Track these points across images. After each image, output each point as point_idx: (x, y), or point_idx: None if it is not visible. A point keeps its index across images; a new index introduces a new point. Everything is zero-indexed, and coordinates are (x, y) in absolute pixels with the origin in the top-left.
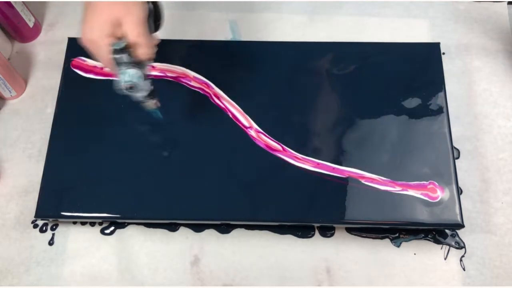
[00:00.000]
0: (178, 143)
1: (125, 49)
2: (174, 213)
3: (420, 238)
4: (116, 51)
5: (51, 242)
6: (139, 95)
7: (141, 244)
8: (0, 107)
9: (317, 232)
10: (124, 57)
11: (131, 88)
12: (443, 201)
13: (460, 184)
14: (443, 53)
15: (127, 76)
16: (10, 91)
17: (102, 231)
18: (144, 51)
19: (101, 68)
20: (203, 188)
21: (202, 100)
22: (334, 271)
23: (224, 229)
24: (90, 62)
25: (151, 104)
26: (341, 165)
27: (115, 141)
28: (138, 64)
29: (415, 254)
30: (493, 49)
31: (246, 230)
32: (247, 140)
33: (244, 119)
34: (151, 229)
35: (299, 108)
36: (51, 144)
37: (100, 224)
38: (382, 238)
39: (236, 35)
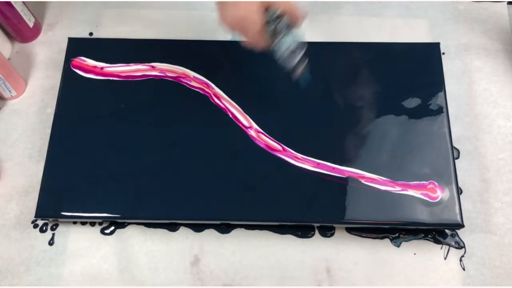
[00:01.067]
0: (178, 143)
1: (280, 16)
2: (174, 213)
3: (420, 238)
4: (274, 20)
5: (51, 242)
6: (297, 58)
7: (141, 244)
8: (0, 107)
9: (317, 232)
10: (281, 23)
11: (293, 52)
12: (443, 201)
13: (460, 184)
14: (443, 53)
15: (288, 41)
16: (10, 91)
17: (102, 231)
18: (298, 12)
19: (101, 68)
20: (203, 188)
21: (202, 100)
22: (334, 271)
23: (224, 229)
24: (90, 62)
25: (304, 67)
26: (341, 165)
27: (115, 141)
28: (291, 27)
29: (415, 254)
30: (493, 49)
31: (246, 230)
32: (247, 140)
33: (244, 119)
34: (151, 229)
35: (299, 108)
36: (51, 144)
37: (100, 224)
38: (382, 238)
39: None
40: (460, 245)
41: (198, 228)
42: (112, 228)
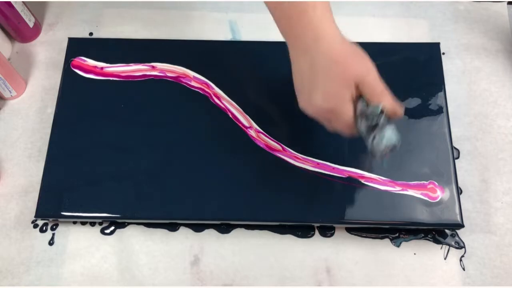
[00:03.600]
0: (178, 143)
1: (382, 111)
2: (174, 213)
3: (420, 238)
4: (373, 114)
5: (51, 242)
6: (390, 149)
7: (141, 244)
8: (0, 107)
9: (317, 232)
10: (383, 118)
11: (394, 146)
12: (443, 201)
13: (460, 184)
14: (443, 53)
15: (387, 138)
16: (10, 91)
17: (102, 231)
18: (398, 107)
19: (101, 68)
20: (203, 188)
21: (202, 100)
22: (334, 271)
23: (224, 229)
24: (90, 62)
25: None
26: (341, 165)
27: (115, 141)
28: (390, 122)
29: (415, 254)
30: (493, 49)
31: (246, 230)
32: (247, 140)
33: (244, 119)
34: (151, 229)
35: (299, 108)
36: (51, 144)
37: (100, 224)
38: (382, 238)
39: (236, 35)
40: (460, 245)
41: (198, 228)
42: (112, 228)
